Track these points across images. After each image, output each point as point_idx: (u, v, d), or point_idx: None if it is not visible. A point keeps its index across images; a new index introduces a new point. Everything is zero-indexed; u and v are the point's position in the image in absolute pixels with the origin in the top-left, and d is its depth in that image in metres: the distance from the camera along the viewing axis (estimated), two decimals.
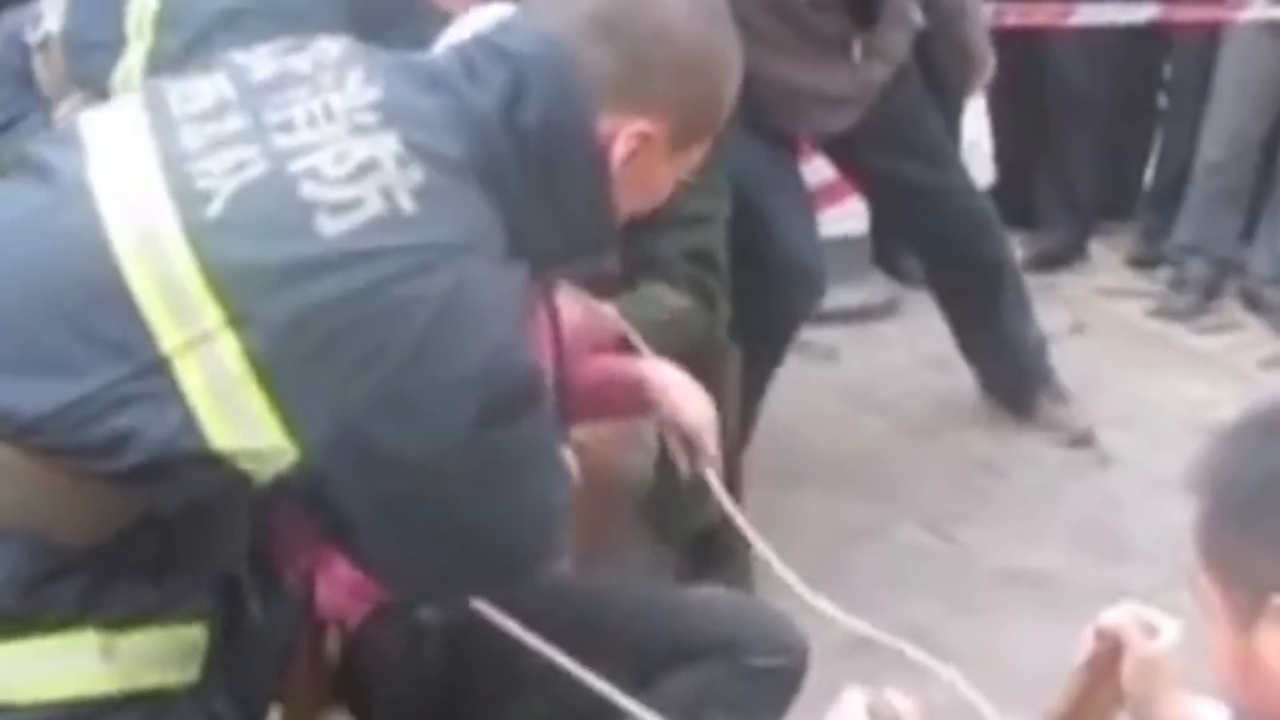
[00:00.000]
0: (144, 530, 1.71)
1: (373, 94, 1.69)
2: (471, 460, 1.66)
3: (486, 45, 1.76)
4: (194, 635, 1.78)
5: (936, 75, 4.39)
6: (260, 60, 1.77)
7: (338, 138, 1.65)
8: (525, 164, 1.71)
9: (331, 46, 1.79)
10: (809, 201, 3.94)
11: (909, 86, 3.96)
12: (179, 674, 1.78)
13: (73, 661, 1.71)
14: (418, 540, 1.73)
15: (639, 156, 1.76)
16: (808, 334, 4.64)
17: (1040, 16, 4.75)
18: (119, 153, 1.70)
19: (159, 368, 1.61)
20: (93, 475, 1.64)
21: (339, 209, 1.60)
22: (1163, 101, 5.44)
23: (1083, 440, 4.17)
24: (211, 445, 1.62)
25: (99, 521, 1.68)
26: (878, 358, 4.65)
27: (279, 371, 1.60)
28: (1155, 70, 5.39)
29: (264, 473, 1.66)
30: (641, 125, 1.75)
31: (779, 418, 2.43)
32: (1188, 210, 5.03)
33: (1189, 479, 1.44)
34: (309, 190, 1.61)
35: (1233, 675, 1.42)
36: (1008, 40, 4.40)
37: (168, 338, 1.60)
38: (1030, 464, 4.07)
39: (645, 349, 2.52)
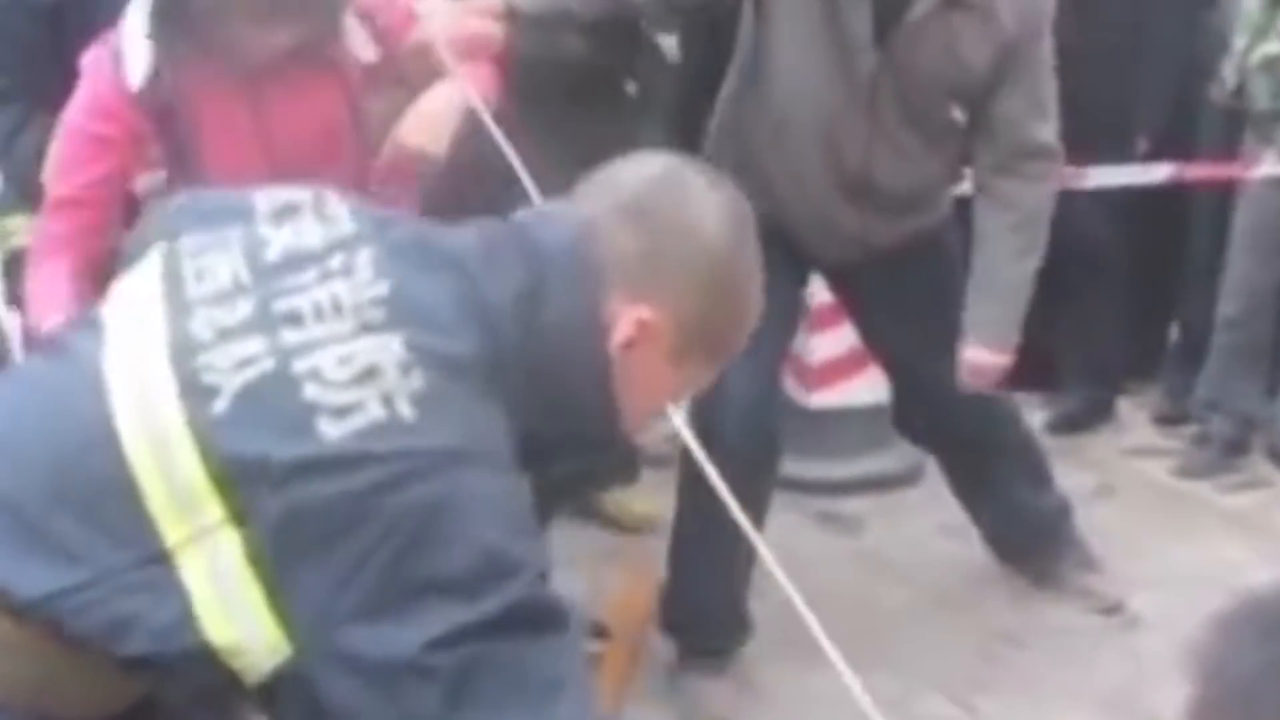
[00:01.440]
0: None
1: (381, 288, 1.69)
2: (456, 672, 1.56)
3: (514, 232, 1.77)
4: None
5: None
6: (277, 231, 1.78)
7: (343, 337, 1.66)
8: (534, 360, 1.69)
9: (344, 218, 1.79)
10: (780, 353, 3.74)
11: (946, 263, 3.79)
12: None
13: None
14: None
15: (639, 347, 1.74)
16: (832, 505, 4.63)
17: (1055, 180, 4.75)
18: (133, 342, 1.71)
19: (161, 559, 1.61)
20: (93, 657, 1.64)
21: (340, 413, 1.60)
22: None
23: (1114, 609, 4.07)
24: (207, 638, 1.61)
25: (101, 701, 1.70)
26: (901, 526, 4.59)
27: (276, 567, 1.59)
28: (1176, 227, 5.37)
29: (256, 670, 1.64)
30: (644, 312, 1.74)
31: (800, 590, 2.39)
32: (1209, 366, 5.01)
33: (1181, 664, 1.41)
34: (311, 392, 1.61)
35: None
36: None
37: (172, 532, 1.61)
38: (1056, 632, 3.98)
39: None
